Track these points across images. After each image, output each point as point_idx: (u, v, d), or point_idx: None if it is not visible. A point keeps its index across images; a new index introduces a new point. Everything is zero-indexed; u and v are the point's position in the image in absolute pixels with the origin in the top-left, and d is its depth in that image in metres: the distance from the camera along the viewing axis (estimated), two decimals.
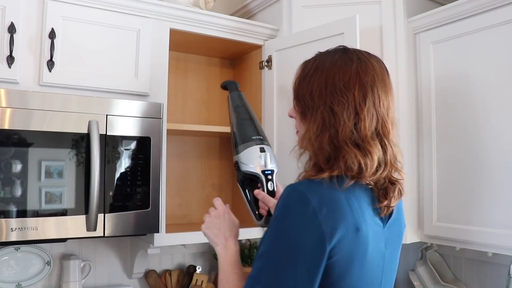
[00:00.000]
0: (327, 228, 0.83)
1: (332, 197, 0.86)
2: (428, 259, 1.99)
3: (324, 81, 0.94)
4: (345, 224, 0.85)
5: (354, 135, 0.90)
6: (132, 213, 1.57)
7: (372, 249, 0.89)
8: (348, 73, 0.93)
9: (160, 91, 1.74)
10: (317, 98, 0.94)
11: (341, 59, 0.96)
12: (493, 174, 1.53)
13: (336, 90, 0.92)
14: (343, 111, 0.91)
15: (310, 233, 0.83)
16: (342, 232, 0.84)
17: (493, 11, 1.53)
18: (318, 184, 0.88)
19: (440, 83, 1.74)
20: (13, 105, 1.40)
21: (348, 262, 0.86)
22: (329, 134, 0.91)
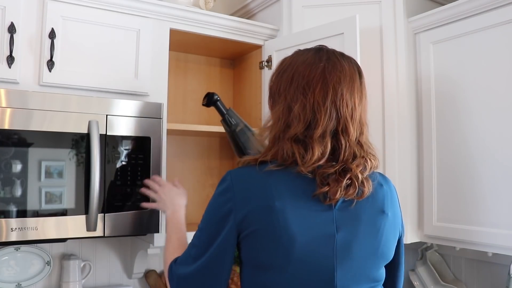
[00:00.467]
0: (235, 203, 0.93)
1: (248, 178, 0.95)
2: (428, 259, 1.99)
3: (290, 78, 0.98)
4: (255, 201, 0.92)
5: (303, 134, 0.94)
6: (132, 213, 1.57)
7: (296, 226, 0.90)
8: (313, 72, 0.95)
9: (160, 91, 1.74)
10: (281, 94, 0.99)
11: (311, 57, 0.99)
12: (493, 174, 1.53)
13: (299, 87, 0.95)
14: (300, 109, 0.94)
15: (221, 205, 0.96)
16: (250, 208, 0.92)
17: (493, 11, 1.54)
18: (242, 168, 0.99)
19: (440, 83, 1.74)
20: (13, 105, 1.40)
21: (261, 236, 0.92)
22: (279, 129, 0.97)
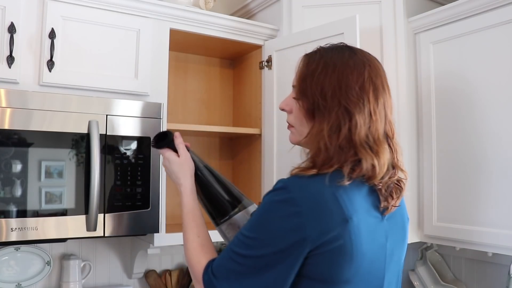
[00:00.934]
0: (307, 220, 0.84)
1: (317, 193, 0.87)
2: (428, 259, 1.99)
3: (337, 81, 0.94)
4: (331, 217, 0.86)
5: (369, 138, 0.92)
6: (132, 213, 1.57)
7: (366, 240, 0.89)
8: (362, 76, 0.94)
9: (160, 91, 1.74)
10: (330, 98, 0.93)
11: (352, 59, 0.96)
12: (493, 174, 1.53)
13: (352, 92, 0.92)
14: (359, 114, 0.92)
15: (284, 221, 0.85)
16: (327, 226, 0.85)
17: (493, 11, 1.54)
18: (305, 181, 0.89)
19: (440, 83, 1.74)
20: (13, 105, 1.40)
21: (333, 253, 0.86)
22: (344, 135, 0.91)
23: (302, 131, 1.00)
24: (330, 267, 0.86)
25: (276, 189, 0.89)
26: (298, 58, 1.04)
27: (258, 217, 0.90)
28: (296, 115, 1.01)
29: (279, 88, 1.91)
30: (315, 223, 0.84)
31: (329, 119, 0.93)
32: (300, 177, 0.90)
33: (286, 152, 1.86)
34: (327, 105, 0.93)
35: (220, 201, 1.11)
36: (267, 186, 1.93)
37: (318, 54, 1.00)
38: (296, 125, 1.02)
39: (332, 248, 0.85)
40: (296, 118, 1.01)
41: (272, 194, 0.90)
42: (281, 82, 1.89)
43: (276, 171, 1.88)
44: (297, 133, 1.02)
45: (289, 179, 0.90)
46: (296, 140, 1.04)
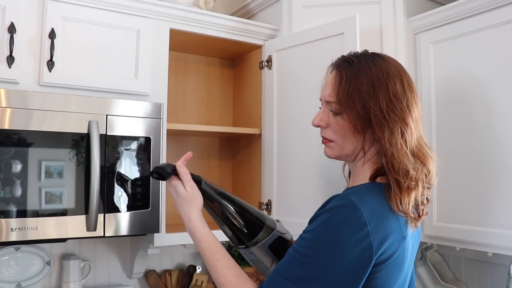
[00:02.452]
0: (376, 240, 0.85)
1: (382, 208, 0.89)
2: (428, 259, 1.99)
3: (386, 93, 0.95)
4: (393, 233, 0.88)
5: (419, 143, 0.97)
6: (132, 213, 1.57)
7: (409, 253, 0.95)
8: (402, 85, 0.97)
9: (160, 91, 1.74)
10: (385, 110, 0.94)
11: (390, 69, 0.98)
12: (493, 174, 1.53)
13: (402, 101, 0.96)
14: (411, 122, 0.96)
15: (359, 244, 0.84)
16: (390, 241, 0.87)
17: (493, 11, 1.53)
18: (369, 195, 0.90)
19: (440, 83, 1.74)
20: (13, 105, 1.40)
21: (393, 267, 0.89)
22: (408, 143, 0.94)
23: (344, 145, 1.00)
24: (386, 280, 0.89)
25: (340, 206, 0.88)
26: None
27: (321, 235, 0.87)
28: (337, 130, 0.99)
29: (279, 88, 1.91)
30: (380, 239, 0.86)
31: (388, 130, 0.93)
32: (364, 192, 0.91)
33: (285, 152, 1.87)
34: (385, 119, 0.93)
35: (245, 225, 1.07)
36: (267, 186, 1.93)
37: (354, 66, 0.99)
38: (338, 139, 1.00)
39: (390, 262, 0.88)
40: (337, 133, 1.00)
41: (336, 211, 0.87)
42: (281, 82, 1.89)
43: (276, 171, 1.88)
44: (338, 148, 1.01)
45: (355, 197, 0.88)
46: (335, 155, 1.02)
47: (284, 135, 1.87)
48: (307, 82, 1.73)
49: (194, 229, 1.02)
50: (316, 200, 1.50)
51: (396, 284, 0.92)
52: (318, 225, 0.88)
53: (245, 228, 1.06)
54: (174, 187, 1.04)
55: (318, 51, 1.70)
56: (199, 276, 2.05)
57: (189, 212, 1.03)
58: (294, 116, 1.81)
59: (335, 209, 0.88)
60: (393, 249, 0.88)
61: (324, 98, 1.02)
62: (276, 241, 1.07)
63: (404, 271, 0.94)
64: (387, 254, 0.87)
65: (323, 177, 1.65)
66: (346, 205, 0.87)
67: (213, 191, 1.08)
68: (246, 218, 1.07)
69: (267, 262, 1.07)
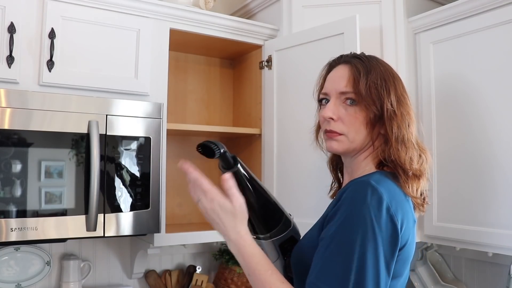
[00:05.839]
0: (399, 223, 0.88)
1: (397, 192, 0.94)
2: (428, 259, 1.99)
3: (396, 90, 1.02)
4: (408, 216, 0.93)
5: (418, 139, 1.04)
6: (132, 213, 1.57)
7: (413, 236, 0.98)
8: (403, 85, 1.06)
9: (160, 91, 1.74)
10: (397, 106, 1.00)
11: (395, 72, 1.07)
12: (493, 174, 1.53)
13: (407, 99, 1.04)
14: (415, 121, 1.04)
15: (388, 228, 0.86)
16: (406, 224, 0.91)
17: (493, 11, 1.53)
18: (383, 180, 0.93)
19: (440, 83, 1.73)
20: (13, 105, 1.40)
21: (409, 252, 0.95)
22: (414, 139, 1.01)
23: (354, 138, 1.00)
24: (401, 266, 0.94)
25: (358, 190, 0.89)
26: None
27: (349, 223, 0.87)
28: (351, 121, 1.00)
29: (279, 88, 1.91)
30: (401, 222, 0.90)
31: (396, 124, 0.99)
32: (381, 178, 0.94)
33: (286, 152, 1.86)
34: (393, 112, 0.99)
35: (263, 218, 1.04)
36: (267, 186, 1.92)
37: (366, 62, 1.03)
38: (350, 132, 1.00)
39: (405, 245, 0.92)
40: (350, 125, 1.00)
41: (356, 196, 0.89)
42: (281, 82, 1.89)
43: (276, 171, 1.88)
44: (348, 141, 1.01)
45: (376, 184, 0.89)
46: (344, 148, 1.02)
47: (284, 135, 1.87)
48: (307, 82, 1.73)
49: (244, 243, 0.95)
50: (316, 200, 1.50)
51: (405, 272, 0.97)
52: (342, 215, 0.88)
53: (263, 220, 1.04)
54: (219, 202, 0.97)
55: (318, 51, 1.70)
56: (199, 276, 2.05)
57: (239, 227, 0.95)
58: (294, 116, 1.81)
59: (355, 193, 0.89)
60: (408, 232, 0.92)
61: (339, 90, 1.02)
62: (287, 240, 1.06)
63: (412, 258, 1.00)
64: (406, 236, 0.91)
65: (323, 177, 1.65)
66: (366, 189, 0.87)
67: (245, 176, 1.02)
68: (267, 211, 1.04)
69: (272, 257, 1.06)
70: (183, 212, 2.13)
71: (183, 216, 2.12)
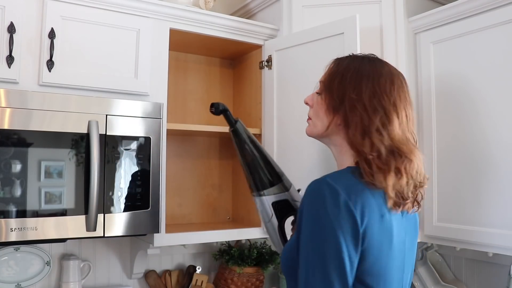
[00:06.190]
0: (358, 215, 0.90)
1: (357, 186, 0.94)
2: (428, 259, 1.99)
3: (372, 86, 1.02)
4: (371, 210, 0.92)
5: (405, 142, 1.00)
6: (132, 213, 1.57)
7: (395, 235, 0.97)
8: (393, 85, 1.03)
9: (160, 91, 1.74)
10: (367, 100, 1.00)
11: (383, 69, 1.05)
12: (494, 175, 1.53)
13: (387, 97, 1.01)
14: (394, 118, 1.00)
15: (347, 222, 0.89)
16: (369, 218, 0.91)
17: (493, 11, 1.53)
18: (342, 176, 0.96)
19: (440, 83, 1.73)
20: (13, 105, 1.40)
21: (377, 248, 0.93)
22: (386, 135, 0.99)
23: (315, 123, 1.09)
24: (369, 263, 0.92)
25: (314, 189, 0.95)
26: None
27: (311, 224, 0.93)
28: (314, 107, 1.10)
29: (279, 88, 1.91)
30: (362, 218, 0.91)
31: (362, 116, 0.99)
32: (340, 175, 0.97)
33: (286, 152, 1.86)
34: (366, 108, 1.00)
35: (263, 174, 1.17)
36: None
37: (350, 58, 1.09)
38: (313, 117, 1.11)
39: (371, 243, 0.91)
40: (314, 110, 1.10)
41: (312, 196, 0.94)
42: (281, 82, 1.89)
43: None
44: (312, 125, 1.11)
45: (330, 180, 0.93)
46: (309, 131, 1.12)
47: (284, 135, 1.87)
48: (307, 82, 1.73)
49: None
50: None
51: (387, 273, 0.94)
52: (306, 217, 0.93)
53: (257, 178, 1.16)
54: None
55: (318, 51, 1.70)
56: (199, 276, 2.05)
57: None
58: (294, 116, 1.80)
59: (312, 194, 0.93)
60: (373, 224, 0.91)
61: (320, 79, 1.12)
62: (281, 203, 1.15)
63: (395, 258, 0.97)
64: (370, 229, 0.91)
65: None
66: (321, 188, 0.92)
67: (245, 134, 1.20)
68: (262, 168, 1.17)
69: (265, 216, 1.16)
70: (183, 212, 2.13)
71: (183, 216, 2.12)
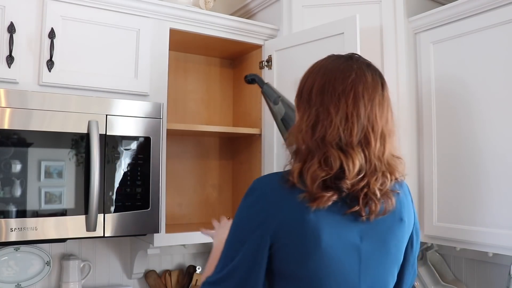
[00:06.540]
0: (268, 214, 0.92)
1: (276, 187, 0.95)
2: (428, 259, 1.99)
3: (323, 82, 0.99)
4: (288, 211, 0.92)
5: (341, 139, 0.94)
6: (132, 213, 1.57)
7: (328, 239, 0.91)
8: (346, 81, 0.98)
9: (160, 91, 1.74)
10: (314, 95, 0.99)
11: (343, 65, 1.01)
12: (493, 174, 1.53)
13: (335, 93, 0.97)
14: (337, 114, 0.96)
15: (253, 216, 0.94)
16: (283, 218, 0.91)
17: (493, 11, 1.53)
18: (270, 177, 0.99)
19: (440, 83, 1.73)
20: (13, 105, 1.40)
21: (297, 249, 0.91)
22: (319, 132, 0.96)
23: None
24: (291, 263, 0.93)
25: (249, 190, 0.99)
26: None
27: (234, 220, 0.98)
28: None
29: (279, 88, 1.90)
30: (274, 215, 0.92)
31: (310, 115, 0.98)
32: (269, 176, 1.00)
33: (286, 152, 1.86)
34: (311, 102, 0.99)
35: None
36: None
37: (324, 59, 1.07)
38: None
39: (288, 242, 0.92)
40: None
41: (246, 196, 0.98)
42: (281, 82, 1.89)
43: (276, 171, 1.88)
44: None
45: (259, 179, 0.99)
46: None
47: None
48: None
49: None
50: None
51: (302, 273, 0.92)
52: None
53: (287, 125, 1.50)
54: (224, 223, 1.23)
55: (318, 51, 1.67)
56: (199, 276, 2.05)
57: None
58: None
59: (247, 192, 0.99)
60: (291, 224, 0.91)
61: None
62: None
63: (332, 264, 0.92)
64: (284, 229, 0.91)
65: None
66: (252, 187, 0.98)
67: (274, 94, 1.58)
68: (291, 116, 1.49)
69: None
70: (183, 212, 2.13)
71: (183, 216, 2.12)
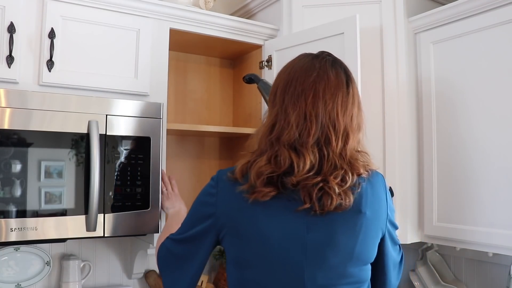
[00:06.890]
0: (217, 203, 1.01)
1: (225, 179, 1.02)
2: (428, 259, 1.99)
3: (286, 81, 1.00)
4: (233, 201, 0.99)
5: (298, 139, 0.95)
6: (132, 213, 1.57)
7: (266, 229, 0.96)
8: (307, 80, 0.98)
9: (160, 91, 1.74)
10: (278, 96, 1.01)
11: (308, 64, 1.01)
12: (493, 174, 1.53)
13: (295, 93, 0.98)
14: (295, 116, 0.96)
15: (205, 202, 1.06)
16: (228, 208, 1.00)
17: (493, 11, 1.53)
18: (226, 170, 1.04)
19: (440, 83, 1.73)
20: (13, 105, 1.40)
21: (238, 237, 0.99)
22: (275, 132, 0.97)
23: None
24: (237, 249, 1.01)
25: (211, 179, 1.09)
26: None
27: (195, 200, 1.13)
28: None
29: None
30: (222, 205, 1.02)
31: (270, 115, 1.01)
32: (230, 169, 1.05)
33: None
34: (274, 102, 1.01)
35: None
36: None
37: (293, 59, 1.07)
38: None
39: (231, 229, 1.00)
40: None
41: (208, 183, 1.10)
42: None
43: None
44: None
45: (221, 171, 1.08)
46: None
47: None
48: None
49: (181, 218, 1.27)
50: None
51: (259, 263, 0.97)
52: None
53: None
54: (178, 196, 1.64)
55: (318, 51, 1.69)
56: None
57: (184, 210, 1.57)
58: None
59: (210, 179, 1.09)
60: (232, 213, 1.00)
61: None
62: None
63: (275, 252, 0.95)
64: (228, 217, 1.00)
65: None
66: (213, 177, 1.07)
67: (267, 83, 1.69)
68: None
69: None
70: None
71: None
